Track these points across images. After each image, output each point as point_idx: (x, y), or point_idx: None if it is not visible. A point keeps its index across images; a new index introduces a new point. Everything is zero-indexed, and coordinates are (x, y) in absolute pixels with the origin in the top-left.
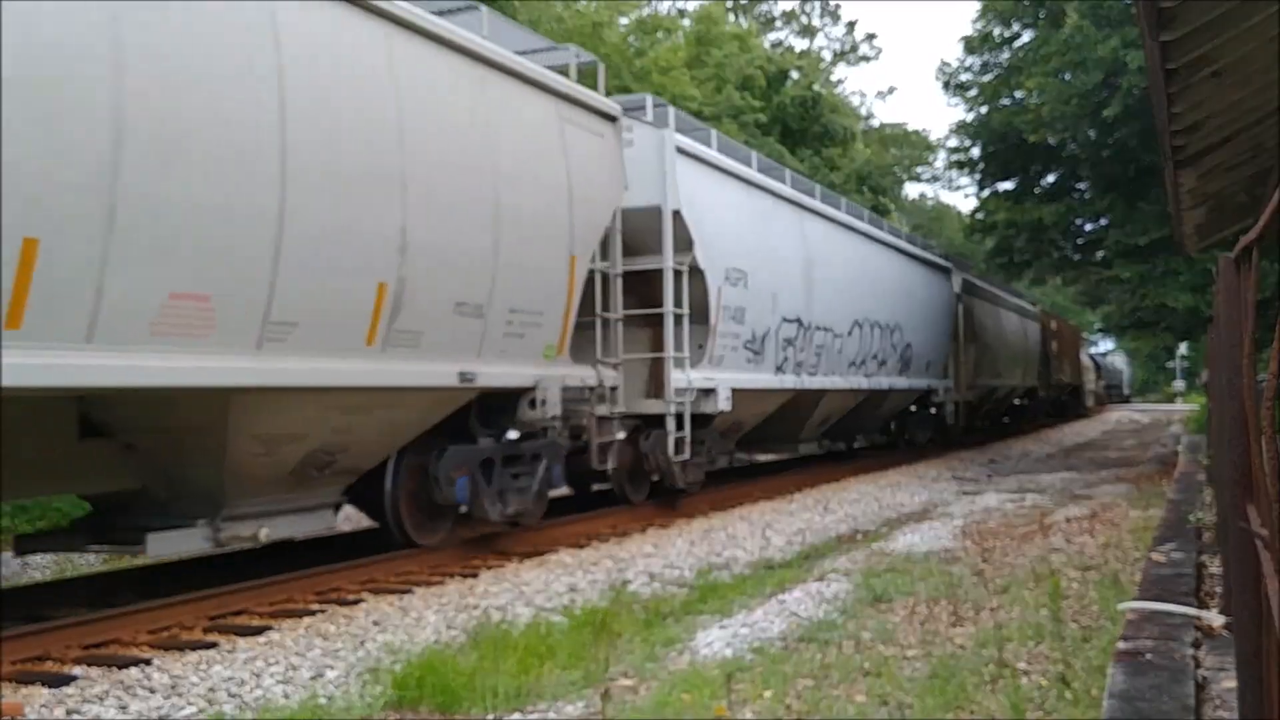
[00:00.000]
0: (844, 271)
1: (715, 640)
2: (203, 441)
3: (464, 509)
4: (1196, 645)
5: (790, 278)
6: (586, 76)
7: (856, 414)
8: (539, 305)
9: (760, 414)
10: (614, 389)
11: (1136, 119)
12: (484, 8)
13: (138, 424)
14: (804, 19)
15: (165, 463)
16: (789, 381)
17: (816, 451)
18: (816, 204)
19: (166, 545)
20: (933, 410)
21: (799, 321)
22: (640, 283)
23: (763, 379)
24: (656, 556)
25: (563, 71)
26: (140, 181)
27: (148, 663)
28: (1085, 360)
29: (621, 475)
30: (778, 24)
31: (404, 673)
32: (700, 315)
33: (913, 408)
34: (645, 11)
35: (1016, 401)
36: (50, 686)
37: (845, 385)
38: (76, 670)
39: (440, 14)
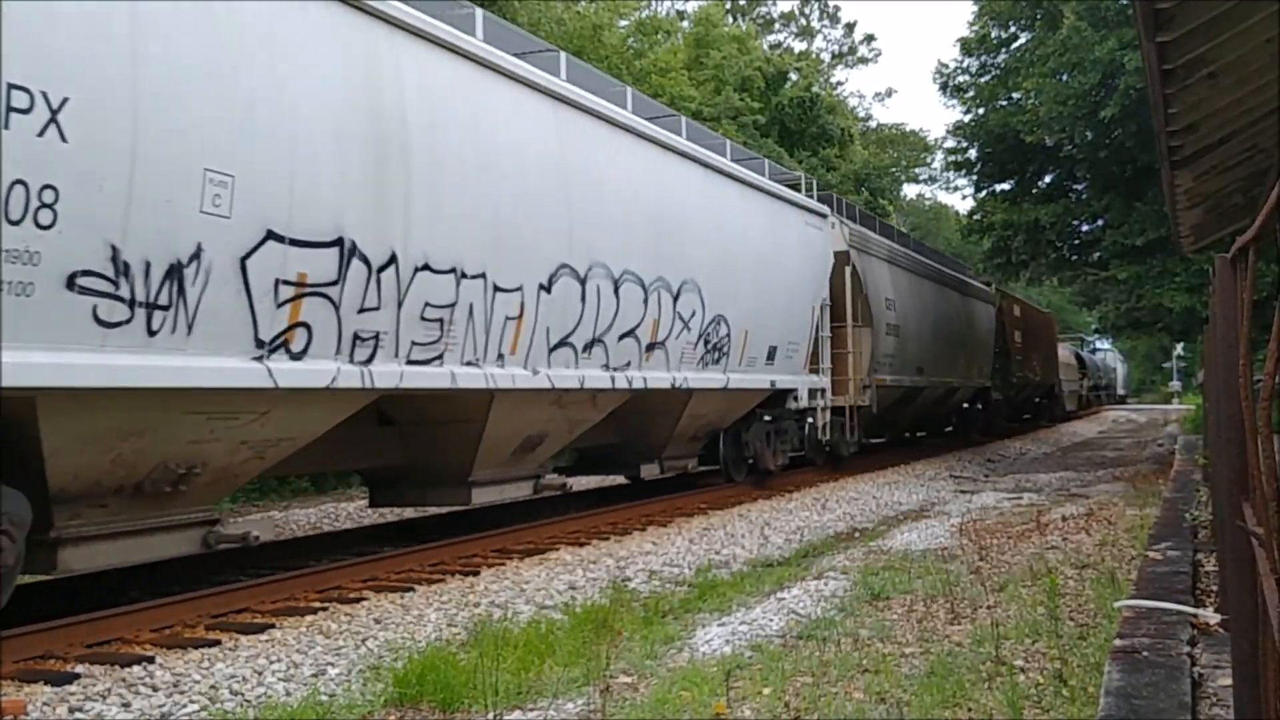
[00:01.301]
0: (515, 166)
1: (714, 638)
2: None
3: None
4: (1193, 643)
5: (296, 140)
6: None
7: (620, 429)
8: None
9: (287, 440)
10: None
11: (1134, 120)
12: None
13: None
14: (803, 20)
15: None
16: (307, 373)
17: (513, 498)
18: (418, 18)
19: None
20: (810, 420)
21: (348, 248)
22: None
23: (150, 363)
24: (656, 554)
25: None
26: None
27: (150, 660)
28: (1065, 356)
29: None
30: (777, 26)
31: (405, 670)
32: None
33: (767, 416)
34: (645, 14)
35: (966, 405)
36: (53, 684)
37: (541, 384)
38: (79, 668)
39: None
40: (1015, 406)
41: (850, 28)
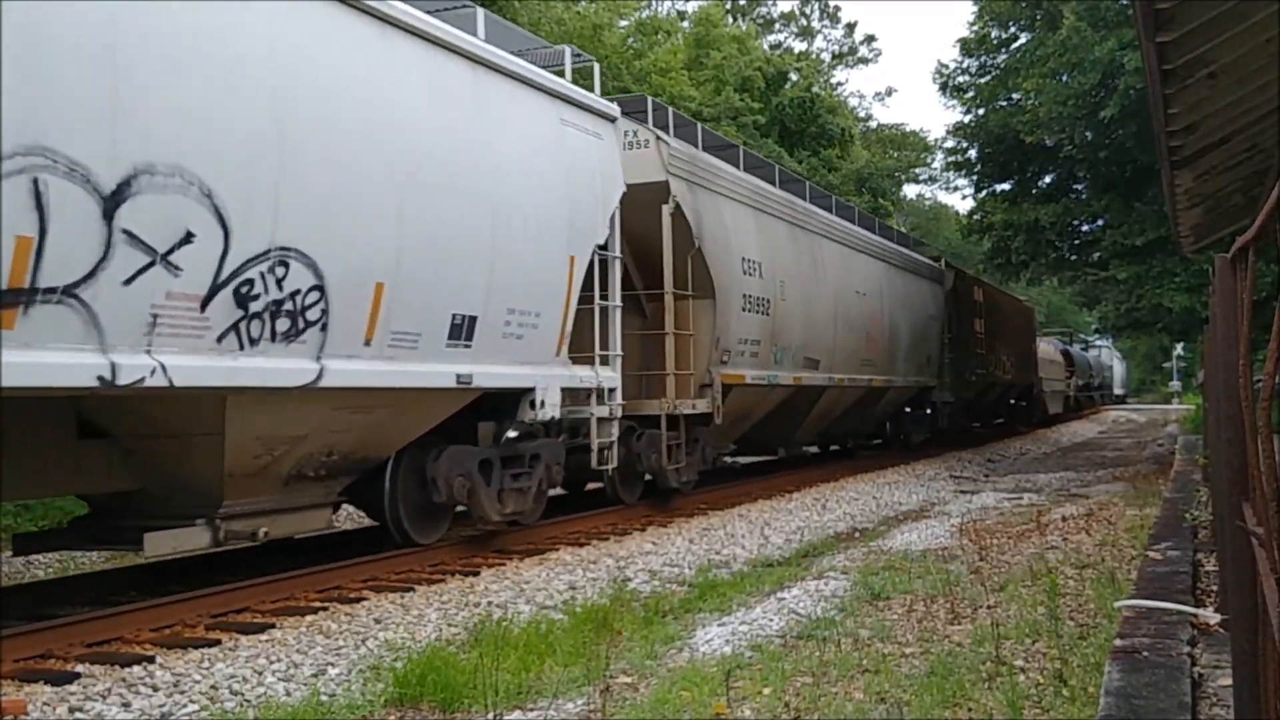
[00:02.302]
0: None
1: (714, 638)
2: None
3: None
4: (1193, 643)
5: None
6: None
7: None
8: None
9: None
10: None
11: (1133, 120)
12: None
13: None
14: (803, 21)
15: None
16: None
17: None
18: None
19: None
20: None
21: None
22: None
23: None
24: (656, 554)
25: None
26: None
27: (150, 660)
28: (1049, 351)
29: None
30: (777, 26)
31: (405, 670)
32: None
33: (514, 433)
34: (645, 14)
35: (909, 409)
36: (53, 684)
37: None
38: (79, 668)
39: None
40: (980, 410)
41: (850, 28)
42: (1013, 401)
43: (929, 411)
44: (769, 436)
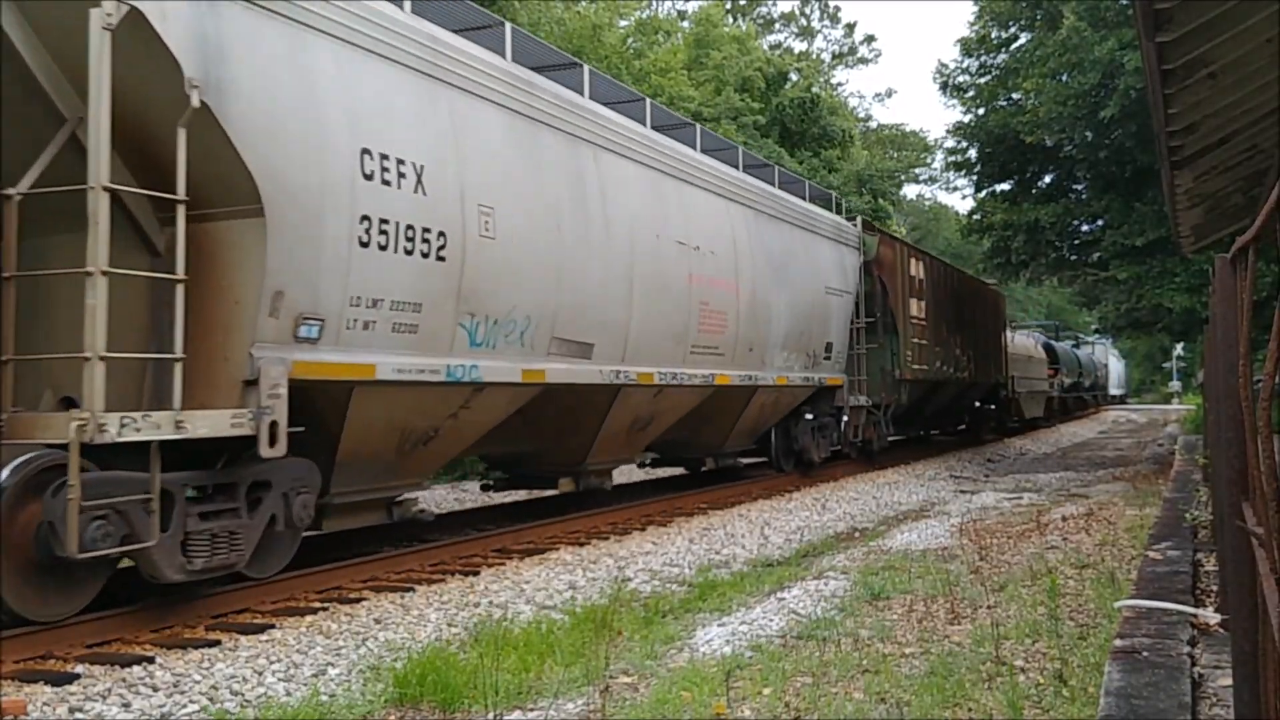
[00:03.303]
0: None
1: (714, 638)
2: None
3: None
4: (1193, 643)
5: None
6: None
7: None
8: None
9: None
10: None
11: (1133, 120)
12: None
13: None
14: (803, 21)
15: None
16: None
17: None
18: None
19: None
20: None
21: None
22: None
23: None
24: (656, 554)
25: None
26: None
27: (150, 661)
28: (1026, 345)
29: None
30: (777, 26)
31: (405, 670)
32: None
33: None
34: (645, 14)
35: (811, 416)
36: (53, 685)
37: None
38: (79, 668)
39: None
40: (928, 415)
41: (850, 28)
42: (977, 404)
43: (845, 419)
44: (534, 461)
